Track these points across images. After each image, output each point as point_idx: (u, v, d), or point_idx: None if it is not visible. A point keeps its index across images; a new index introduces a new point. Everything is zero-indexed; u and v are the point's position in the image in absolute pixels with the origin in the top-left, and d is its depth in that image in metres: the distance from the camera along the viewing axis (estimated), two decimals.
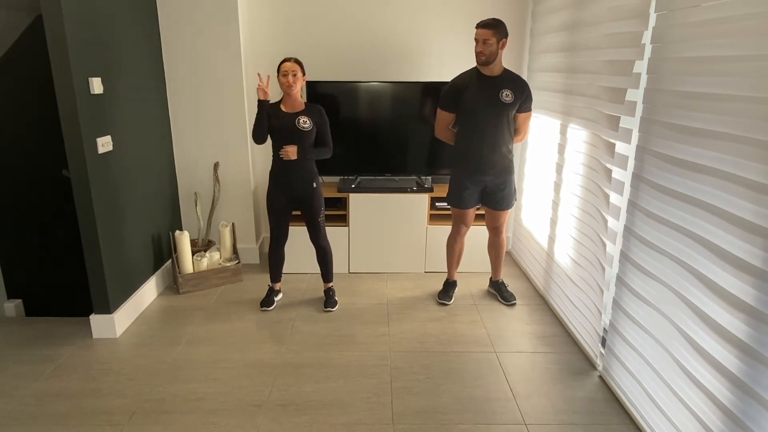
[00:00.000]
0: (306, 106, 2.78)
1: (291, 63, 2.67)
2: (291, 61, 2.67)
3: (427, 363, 2.50)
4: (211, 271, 3.29)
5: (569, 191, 2.79)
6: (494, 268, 3.21)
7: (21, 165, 3.01)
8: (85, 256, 2.60)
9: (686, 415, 1.73)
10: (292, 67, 2.66)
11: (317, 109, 2.79)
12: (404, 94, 3.42)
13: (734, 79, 1.54)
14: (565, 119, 2.86)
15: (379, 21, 3.51)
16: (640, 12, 2.07)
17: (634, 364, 2.08)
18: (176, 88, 3.36)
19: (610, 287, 2.34)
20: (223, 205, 3.58)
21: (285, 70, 2.66)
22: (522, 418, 2.12)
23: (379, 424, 2.08)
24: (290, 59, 2.69)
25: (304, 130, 2.72)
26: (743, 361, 1.48)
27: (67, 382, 2.33)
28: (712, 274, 1.62)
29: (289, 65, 2.66)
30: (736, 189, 1.52)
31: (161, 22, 3.24)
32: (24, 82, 2.90)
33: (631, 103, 2.12)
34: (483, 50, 2.64)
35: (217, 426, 2.06)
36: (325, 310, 3.01)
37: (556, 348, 2.64)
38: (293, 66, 2.67)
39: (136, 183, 2.96)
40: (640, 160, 2.06)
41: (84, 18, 2.45)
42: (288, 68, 2.66)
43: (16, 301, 3.11)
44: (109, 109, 2.67)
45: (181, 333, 2.76)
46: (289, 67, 2.66)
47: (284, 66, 2.67)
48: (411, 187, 3.48)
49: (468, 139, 2.80)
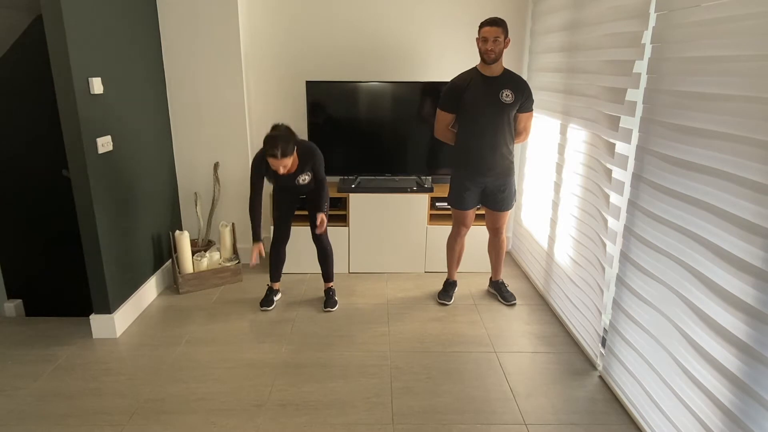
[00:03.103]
0: (300, 161, 2.68)
1: (277, 160, 2.48)
2: (277, 158, 2.47)
3: (427, 363, 2.50)
4: (211, 271, 3.29)
5: (569, 191, 2.79)
6: (494, 268, 3.21)
7: (21, 165, 3.00)
8: (85, 256, 2.60)
9: (686, 415, 1.73)
10: (282, 163, 2.49)
11: (309, 153, 2.70)
12: (404, 94, 3.42)
13: (734, 79, 1.54)
14: (565, 119, 2.86)
15: (379, 21, 3.51)
16: (640, 12, 2.07)
17: (634, 364, 2.08)
18: (176, 88, 3.36)
19: (610, 287, 2.34)
20: (223, 205, 3.58)
21: (274, 165, 2.51)
22: (522, 418, 2.12)
23: (379, 424, 2.08)
24: (275, 153, 2.45)
25: (304, 184, 2.78)
26: (743, 361, 1.48)
27: (67, 382, 2.33)
28: (712, 274, 1.62)
29: (276, 162, 2.49)
30: (736, 189, 1.52)
31: (161, 22, 3.24)
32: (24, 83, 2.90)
33: (631, 103, 2.12)
34: (493, 48, 2.63)
35: (217, 426, 2.06)
36: (325, 310, 3.01)
37: (556, 348, 2.64)
38: (282, 162, 2.49)
39: (136, 183, 2.97)
40: (640, 160, 2.06)
41: (84, 18, 2.45)
42: (276, 164, 2.50)
43: (16, 301, 3.11)
44: (109, 109, 2.67)
45: (181, 333, 2.76)
46: (278, 163, 2.49)
47: (272, 162, 2.50)
48: (411, 187, 3.48)
49: (468, 140, 2.80)
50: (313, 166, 2.75)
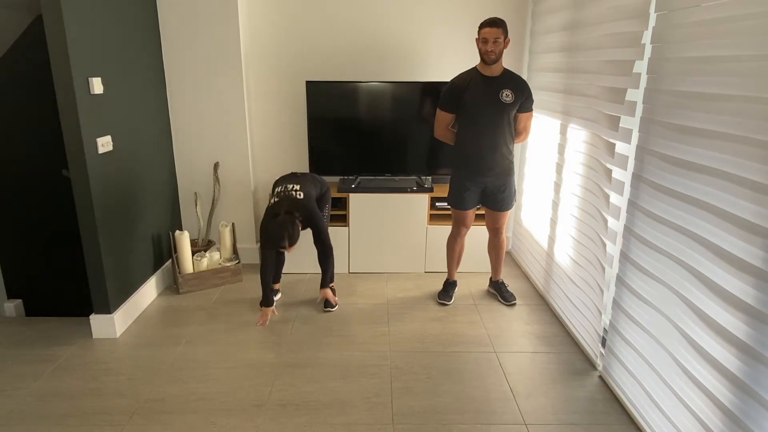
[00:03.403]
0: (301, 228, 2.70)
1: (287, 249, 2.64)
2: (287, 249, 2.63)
3: (427, 363, 2.50)
4: (211, 271, 3.29)
5: (569, 191, 2.79)
6: (494, 268, 3.21)
7: (21, 165, 3.00)
8: (85, 256, 2.60)
9: (686, 415, 1.73)
10: (291, 250, 2.66)
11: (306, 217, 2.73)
12: (404, 94, 3.42)
13: (734, 79, 1.54)
14: (565, 119, 2.86)
15: (379, 21, 3.51)
16: (640, 12, 2.07)
17: (634, 364, 2.08)
18: (176, 88, 3.36)
19: (610, 287, 2.34)
20: (223, 205, 3.58)
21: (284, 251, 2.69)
22: (522, 418, 2.12)
23: (379, 424, 2.08)
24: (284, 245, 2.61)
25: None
26: (743, 361, 1.48)
27: (67, 382, 2.33)
28: (712, 274, 1.62)
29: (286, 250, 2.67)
30: (736, 189, 1.52)
31: (161, 22, 3.24)
32: (24, 83, 2.90)
33: (631, 103, 2.12)
34: (494, 49, 2.63)
35: (217, 426, 2.06)
36: (325, 310, 3.01)
37: (556, 348, 2.64)
38: (291, 249, 2.65)
39: (136, 183, 2.97)
40: (640, 160, 2.06)
41: (84, 18, 2.45)
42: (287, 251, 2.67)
43: (16, 301, 3.11)
44: (109, 109, 2.67)
45: (181, 333, 2.76)
46: (288, 250, 2.66)
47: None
48: (411, 187, 3.48)
49: (468, 140, 2.80)
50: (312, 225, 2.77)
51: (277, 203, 2.71)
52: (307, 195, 2.79)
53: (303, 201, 2.73)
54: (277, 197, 2.77)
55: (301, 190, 2.78)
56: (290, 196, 2.73)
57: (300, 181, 2.87)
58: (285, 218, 2.60)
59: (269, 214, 2.68)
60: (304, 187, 2.82)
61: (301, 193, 2.76)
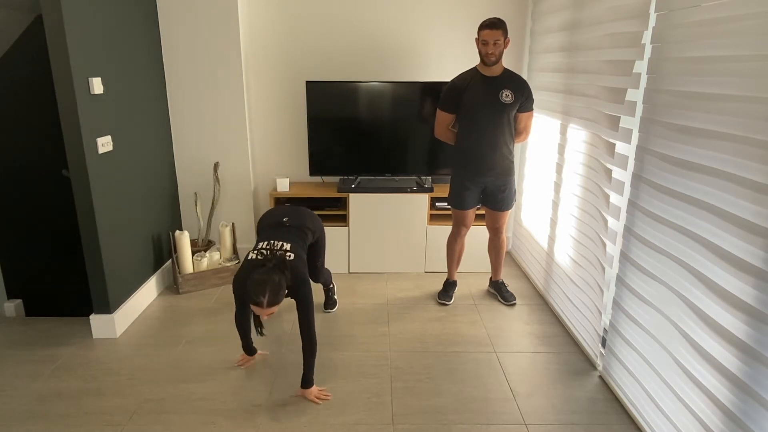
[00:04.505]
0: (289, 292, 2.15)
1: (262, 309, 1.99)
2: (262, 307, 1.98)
3: (427, 363, 2.50)
4: (211, 271, 3.29)
5: (569, 191, 2.79)
6: (494, 268, 3.21)
7: (21, 165, 3.00)
8: (85, 256, 2.60)
9: (686, 415, 1.73)
10: (266, 312, 2.01)
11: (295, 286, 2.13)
12: (404, 94, 3.42)
13: (734, 79, 1.54)
14: (565, 119, 2.86)
15: (379, 21, 3.51)
16: (640, 12, 2.07)
17: (634, 364, 2.08)
18: (176, 88, 3.36)
19: (610, 287, 2.34)
20: (223, 205, 3.58)
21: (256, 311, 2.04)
22: (522, 418, 2.12)
23: (379, 424, 2.08)
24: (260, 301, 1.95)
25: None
26: (743, 361, 1.48)
27: (67, 382, 2.33)
28: (712, 274, 1.62)
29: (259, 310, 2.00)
30: (736, 189, 1.52)
31: (161, 22, 3.24)
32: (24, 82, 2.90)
33: (631, 103, 2.12)
34: (494, 51, 2.63)
35: (217, 426, 2.06)
36: (325, 311, 3.01)
37: (556, 348, 2.64)
38: (267, 311, 2.01)
39: (136, 183, 2.97)
40: (640, 160, 2.06)
41: (84, 18, 2.45)
42: (259, 311, 2.02)
43: (16, 301, 3.11)
44: (109, 109, 2.67)
45: (181, 333, 2.76)
46: (261, 312, 2.01)
47: (254, 308, 2.02)
48: (411, 187, 3.48)
49: (468, 140, 2.80)
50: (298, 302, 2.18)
51: (263, 259, 2.11)
52: (299, 258, 2.24)
53: (294, 262, 2.19)
54: (260, 255, 2.17)
55: (292, 251, 2.24)
56: (280, 257, 2.11)
57: (290, 237, 2.33)
58: (272, 272, 2.02)
59: (250, 265, 2.13)
60: (294, 248, 2.27)
61: (291, 254, 2.22)
